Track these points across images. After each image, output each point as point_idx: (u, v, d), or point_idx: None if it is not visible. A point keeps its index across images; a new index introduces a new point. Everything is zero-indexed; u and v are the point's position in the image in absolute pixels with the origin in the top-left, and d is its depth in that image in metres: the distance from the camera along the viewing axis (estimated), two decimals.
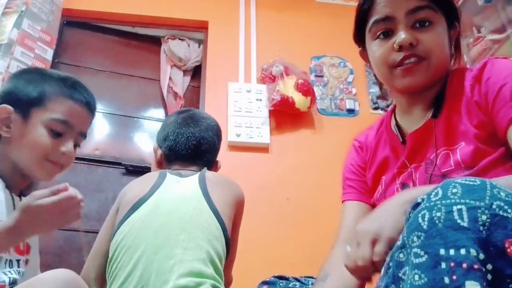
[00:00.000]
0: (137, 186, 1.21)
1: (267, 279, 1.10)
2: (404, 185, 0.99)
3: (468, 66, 2.23)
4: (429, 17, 0.93)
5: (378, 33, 0.96)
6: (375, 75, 1.06)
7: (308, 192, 2.27)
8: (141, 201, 1.13)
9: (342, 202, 1.13)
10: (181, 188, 1.18)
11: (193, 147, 1.29)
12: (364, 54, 1.06)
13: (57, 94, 1.13)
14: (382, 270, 0.69)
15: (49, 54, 2.35)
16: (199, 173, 1.23)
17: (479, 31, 2.25)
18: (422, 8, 0.92)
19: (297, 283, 1.07)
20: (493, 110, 0.86)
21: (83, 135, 1.18)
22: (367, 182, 1.10)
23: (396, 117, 1.06)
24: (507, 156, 0.85)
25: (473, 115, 0.89)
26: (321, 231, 2.13)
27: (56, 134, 1.11)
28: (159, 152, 1.33)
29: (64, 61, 2.62)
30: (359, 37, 1.04)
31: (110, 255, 1.10)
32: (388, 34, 0.95)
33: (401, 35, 0.91)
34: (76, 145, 1.17)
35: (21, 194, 1.14)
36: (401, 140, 1.02)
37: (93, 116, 1.21)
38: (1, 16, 2.20)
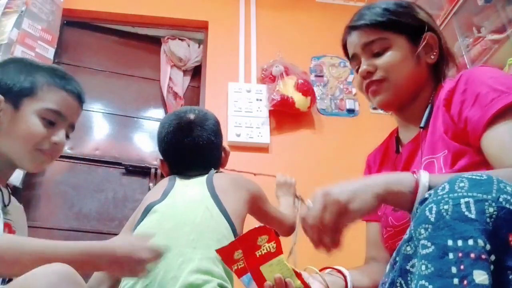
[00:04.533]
0: (152, 192, 1.29)
1: None
2: None
3: (468, 67, 2.24)
4: (382, 46, 1.05)
5: (355, 68, 1.12)
6: None
7: (308, 192, 2.26)
8: (153, 206, 1.19)
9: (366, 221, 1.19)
10: (190, 192, 1.22)
11: (195, 159, 1.32)
12: None
13: (49, 84, 1.11)
14: (388, 266, 0.70)
15: (50, 53, 2.33)
16: (206, 175, 1.27)
17: (479, 31, 2.24)
18: (372, 42, 1.05)
19: None
20: (468, 117, 0.89)
21: (73, 126, 1.17)
22: None
23: (399, 130, 1.16)
24: (482, 163, 0.87)
25: (449, 127, 0.94)
26: None
27: (49, 124, 1.09)
28: (165, 166, 1.37)
29: (64, 61, 2.62)
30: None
31: None
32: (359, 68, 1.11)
33: (362, 67, 1.07)
34: (67, 136, 1.14)
35: (6, 185, 1.12)
36: (395, 150, 1.12)
37: (82, 108, 1.20)
38: (1, 16, 2.19)
